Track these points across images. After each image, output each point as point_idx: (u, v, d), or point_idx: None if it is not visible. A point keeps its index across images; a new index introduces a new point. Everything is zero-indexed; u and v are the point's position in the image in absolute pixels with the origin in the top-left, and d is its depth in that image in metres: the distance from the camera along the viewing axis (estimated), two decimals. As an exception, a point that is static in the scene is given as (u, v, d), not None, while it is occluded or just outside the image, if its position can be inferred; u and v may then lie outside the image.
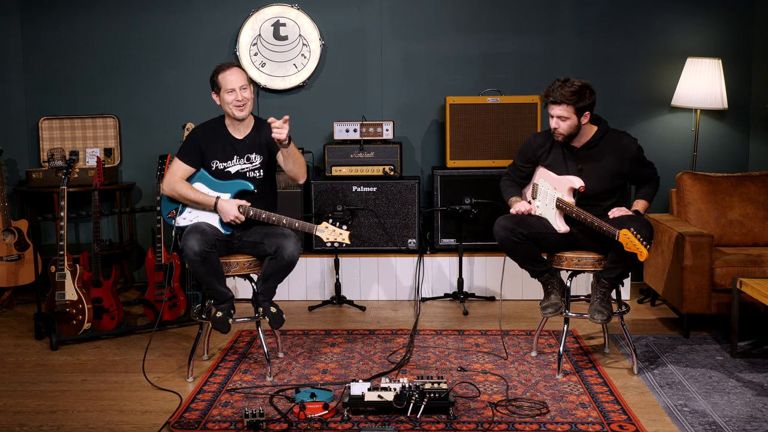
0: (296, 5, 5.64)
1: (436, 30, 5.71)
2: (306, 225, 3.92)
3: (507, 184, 4.26)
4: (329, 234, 3.89)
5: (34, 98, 5.81)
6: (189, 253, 3.73)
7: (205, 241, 3.75)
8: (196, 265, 3.77)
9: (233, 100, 3.93)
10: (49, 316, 4.49)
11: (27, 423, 3.48)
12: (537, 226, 3.97)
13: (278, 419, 3.43)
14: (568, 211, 3.91)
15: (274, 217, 3.89)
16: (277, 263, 3.88)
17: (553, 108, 3.91)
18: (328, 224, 3.89)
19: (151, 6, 5.72)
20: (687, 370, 4.00)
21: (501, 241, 3.97)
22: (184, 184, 3.95)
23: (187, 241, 3.74)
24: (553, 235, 3.97)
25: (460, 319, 4.92)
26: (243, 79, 3.97)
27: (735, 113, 5.63)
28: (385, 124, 5.36)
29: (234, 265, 3.95)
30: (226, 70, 3.98)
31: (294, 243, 3.87)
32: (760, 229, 4.82)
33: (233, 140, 4.02)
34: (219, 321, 3.85)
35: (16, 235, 5.17)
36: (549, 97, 3.90)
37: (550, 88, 3.91)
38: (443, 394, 3.43)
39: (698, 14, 5.63)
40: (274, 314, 3.96)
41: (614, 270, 3.86)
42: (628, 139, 3.98)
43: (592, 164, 3.96)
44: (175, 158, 4.01)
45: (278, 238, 3.89)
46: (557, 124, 3.92)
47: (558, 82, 3.90)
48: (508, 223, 3.94)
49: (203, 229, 3.81)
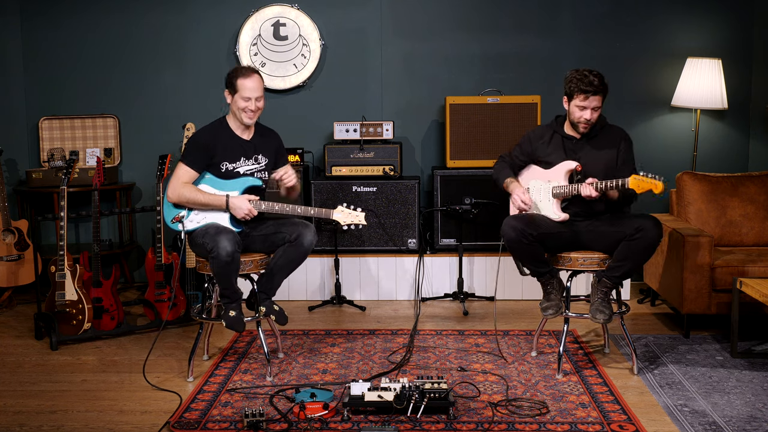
0: (296, 5, 5.64)
1: (437, 30, 5.71)
2: (322, 210, 3.98)
3: (501, 166, 4.24)
4: (346, 217, 3.97)
5: (34, 98, 5.81)
6: (222, 254, 3.68)
7: (237, 241, 3.75)
8: (224, 266, 3.74)
9: (246, 108, 3.93)
10: (49, 316, 4.49)
11: (27, 423, 3.48)
12: (545, 226, 3.95)
13: (278, 419, 3.43)
14: (566, 193, 3.90)
15: (287, 208, 3.92)
16: (296, 250, 3.91)
17: (591, 100, 3.88)
18: (343, 208, 3.98)
19: (152, 6, 5.72)
20: (687, 370, 4.00)
21: (510, 241, 3.93)
22: (191, 188, 3.92)
23: (219, 241, 3.69)
24: (561, 234, 3.95)
25: (460, 319, 4.92)
26: (260, 90, 3.96)
27: (735, 113, 5.63)
28: (385, 124, 5.36)
29: (249, 263, 3.94)
30: (247, 77, 3.93)
31: (313, 232, 3.94)
32: (760, 229, 4.82)
33: (241, 141, 4.01)
34: (235, 320, 3.85)
35: (16, 235, 5.17)
36: (589, 88, 3.85)
37: (586, 79, 3.86)
38: (443, 394, 3.43)
39: (698, 14, 5.63)
40: (278, 311, 3.98)
41: (619, 269, 3.86)
42: (624, 133, 4.07)
43: (593, 153, 3.97)
44: (180, 164, 3.95)
45: (298, 226, 3.94)
46: (592, 116, 3.92)
47: (587, 72, 3.88)
48: (518, 223, 3.90)
49: (229, 228, 3.81)
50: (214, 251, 3.70)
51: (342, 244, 5.31)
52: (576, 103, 3.91)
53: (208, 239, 3.74)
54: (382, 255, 5.35)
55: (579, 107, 3.91)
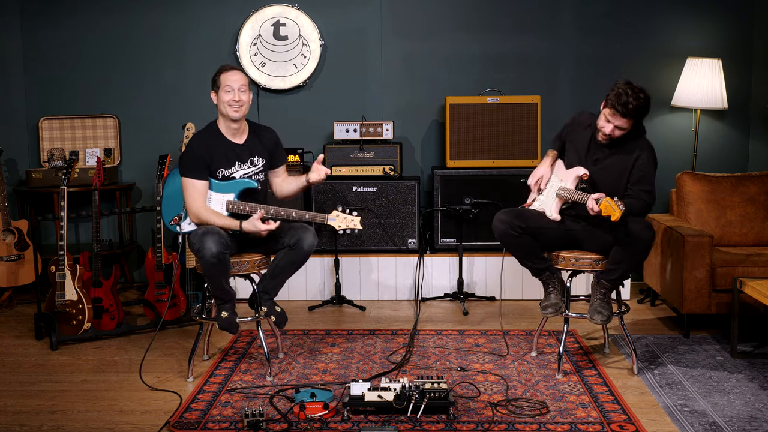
0: (296, 5, 5.64)
1: (436, 30, 5.71)
2: (317, 215, 3.96)
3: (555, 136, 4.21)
4: (341, 221, 3.94)
5: (34, 98, 5.81)
6: (206, 255, 3.69)
7: (222, 243, 3.74)
8: (211, 267, 3.74)
9: (230, 100, 3.92)
10: (49, 316, 4.49)
11: (27, 423, 3.48)
12: (535, 220, 3.97)
13: (278, 419, 3.43)
14: (568, 197, 3.89)
15: (282, 212, 3.91)
16: (296, 254, 3.91)
17: (618, 119, 3.78)
18: (338, 212, 3.95)
19: (152, 6, 5.73)
20: (687, 370, 4.00)
21: (499, 235, 3.97)
22: (210, 212, 3.89)
23: (205, 242, 3.70)
24: (551, 230, 3.97)
25: (460, 319, 4.92)
26: (243, 81, 3.96)
27: (735, 113, 5.63)
28: (385, 124, 5.36)
29: (245, 264, 3.94)
30: (228, 71, 3.97)
31: (313, 235, 3.93)
32: (760, 229, 4.82)
33: (234, 146, 3.99)
34: (227, 321, 3.85)
35: (16, 235, 5.17)
36: (619, 107, 3.73)
37: (623, 98, 3.72)
38: (443, 394, 3.43)
39: (698, 14, 5.63)
40: (279, 313, 3.98)
41: (615, 271, 3.86)
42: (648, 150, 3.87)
43: (609, 160, 3.92)
44: (186, 181, 3.90)
45: (298, 230, 3.94)
46: (612, 132, 3.83)
47: (629, 91, 3.73)
48: (505, 216, 3.95)
49: (217, 230, 3.80)
50: (200, 252, 3.72)
51: (342, 244, 5.31)
52: (605, 113, 3.84)
53: (195, 239, 3.77)
54: (382, 255, 5.35)
55: (605, 118, 3.84)
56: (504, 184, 5.28)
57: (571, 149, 4.05)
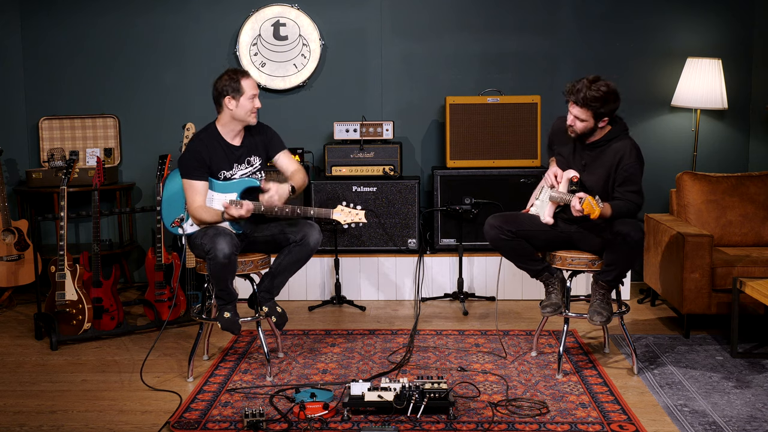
0: (296, 5, 5.64)
1: (436, 30, 5.71)
2: (321, 210, 3.97)
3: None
4: (346, 216, 3.97)
5: (34, 98, 5.81)
6: (219, 256, 3.68)
7: (234, 244, 3.74)
8: (222, 268, 3.74)
9: (253, 107, 3.93)
10: (49, 316, 4.49)
11: (27, 423, 3.48)
12: (526, 224, 3.98)
13: (278, 419, 3.43)
14: (558, 200, 3.88)
15: (287, 209, 3.91)
16: (302, 249, 3.92)
17: (572, 107, 3.82)
18: (343, 207, 3.98)
19: (151, 6, 5.72)
20: (687, 370, 4.00)
21: (491, 240, 4.00)
22: (204, 209, 3.89)
23: (217, 243, 3.69)
24: (544, 233, 3.97)
25: (460, 319, 4.92)
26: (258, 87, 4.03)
27: (735, 113, 5.63)
28: (385, 124, 5.36)
29: (248, 264, 3.95)
30: (249, 77, 3.95)
31: (318, 231, 3.96)
32: (760, 229, 4.82)
33: (233, 148, 3.99)
34: (230, 322, 3.85)
35: (16, 235, 5.17)
36: (572, 95, 3.79)
37: (576, 86, 3.79)
38: (443, 394, 3.43)
39: (698, 14, 5.63)
40: (280, 314, 3.98)
41: (610, 273, 3.86)
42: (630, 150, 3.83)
43: (596, 163, 3.93)
44: (187, 182, 3.90)
45: (303, 227, 3.95)
46: (573, 122, 3.86)
47: (586, 81, 3.78)
48: (496, 221, 3.97)
49: (229, 232, 3.80)
50: (211, 253, 3.71)
51: (342, 244, 5.31)
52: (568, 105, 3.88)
53: (206, 240, 3.75)
54: (382, 255, 5.35)
55: (568, 110, 3.87)
56: (504, 184, 5.28)
57: (560, 157, 4.06)
